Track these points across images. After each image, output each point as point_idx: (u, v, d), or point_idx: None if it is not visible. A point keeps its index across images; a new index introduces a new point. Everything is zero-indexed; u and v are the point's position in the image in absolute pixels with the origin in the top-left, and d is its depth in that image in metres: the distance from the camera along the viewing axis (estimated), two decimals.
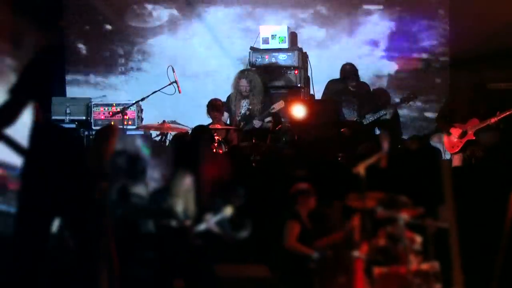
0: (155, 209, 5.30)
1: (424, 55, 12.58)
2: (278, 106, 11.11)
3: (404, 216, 5.29)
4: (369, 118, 11.10)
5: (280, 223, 6.57)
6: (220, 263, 5.48)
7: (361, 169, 5.24)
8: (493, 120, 9.95)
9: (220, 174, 6.18)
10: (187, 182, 5.40)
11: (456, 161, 10.21)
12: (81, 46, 13.51)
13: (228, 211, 5.20)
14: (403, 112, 11.97)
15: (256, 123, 11.25)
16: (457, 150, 10.25)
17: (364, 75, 12.20)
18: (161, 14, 13.38)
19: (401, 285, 5.30)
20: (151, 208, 5.30)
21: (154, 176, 5.54)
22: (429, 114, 12.53)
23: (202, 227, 5.21)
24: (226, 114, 11.69)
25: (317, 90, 11.95)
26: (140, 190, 5.40)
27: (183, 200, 5.30)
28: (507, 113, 9.85)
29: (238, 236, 5.30)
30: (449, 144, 10.34)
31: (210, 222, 5.20)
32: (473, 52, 11.44)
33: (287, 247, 6.50)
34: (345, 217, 5.67)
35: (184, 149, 7.70)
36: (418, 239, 5.37)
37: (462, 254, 5.13)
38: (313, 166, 7.66)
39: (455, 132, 10.26)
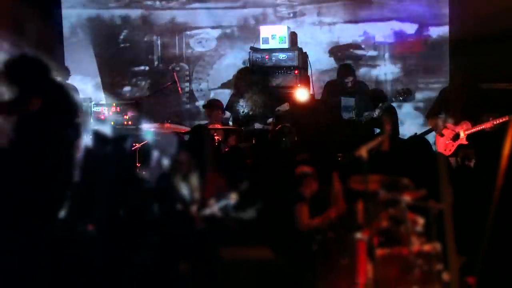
0: (161, 193, 5.36)
1: (425, 37, 12.66)
2: (283, 108, 11.14)
3: (406, 198, 5.34)
4: (366, 116, 11.16)
5: (283, 206, 6.63)
6: (223, 246, 5.53)
7: (363, 152, 5.30)
8: (486, 126, 9.92)
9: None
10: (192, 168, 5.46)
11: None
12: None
13: (233, 197, 5.26)
14: None
15: (257, 126, 11.28)
16: (449, 153, 10.24)
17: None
18: None
19: (403, 266, 5.35)
20: (157, 192, 5.36)
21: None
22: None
23: (207, 211, 5.27)
24: (228, 114, 11.72)
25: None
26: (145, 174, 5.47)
27: (188, 185, 5.36)
28: (500, 120, 9.81)
29: (241, 219, 5.36)
30: (442, 146, 10.31)
31: (215, 207, 5.26)
32: (473, 34, 11.55)
33: (304, 228, 6.55)
34: (347, 200, 5.72)
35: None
36: (421, 220, 5.42)
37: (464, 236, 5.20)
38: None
39: (448, 133, 10.25)
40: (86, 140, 5.32)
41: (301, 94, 10.64)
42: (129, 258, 5.13)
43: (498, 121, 9.79)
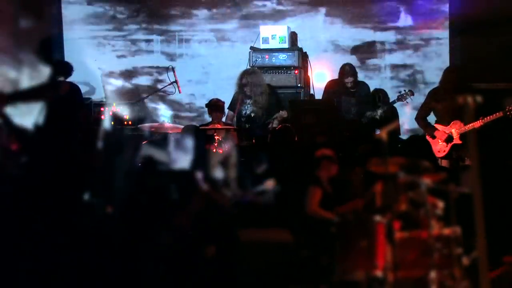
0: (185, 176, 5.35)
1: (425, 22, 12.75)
2: (280, 116, 11.12)
3: (426, 181, 5.31)
4: (367, 117, 11.15)
5: (303, 188, 6.60)
6: (243, 227, 5.50)
7: (383, 134, 5.28)
8: (477, 124, 9.87)
9: None
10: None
11: (444, 165, 10.13)
12: None
13: (270, 184, 5.26)
14: None
15: (258, 132, 11.27)
16: (444, 155, 10.18)
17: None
18: None
19: (422, 250, 5.32)
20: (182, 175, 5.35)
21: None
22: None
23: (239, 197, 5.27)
24: (231, 114, 11.67)
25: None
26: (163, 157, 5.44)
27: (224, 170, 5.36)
28: (491, 118, 9.75)
29: (263, 200, 5.34)
30: (435, 148, 10.26)
31: (249, 194, 5.26)
32: (473, 19, 11.60)
33: (309, 212, 6.51)
34: (366, 183, 5.69)
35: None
36: (440, 204, 5.39)
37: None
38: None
39: (440, 136, 10.20)
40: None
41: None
42: (151, 239, 5.10)
43: (489, 118, 9.74)
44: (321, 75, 12.33)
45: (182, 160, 5.82)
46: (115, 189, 5.17)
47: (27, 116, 5.69)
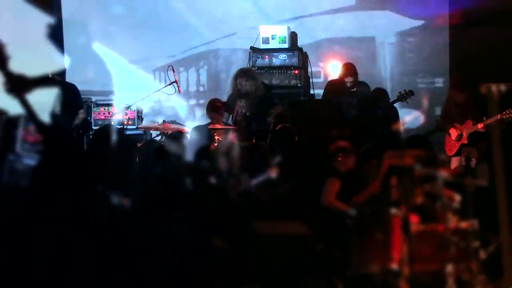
0: (197, 167, 5.31)
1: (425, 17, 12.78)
2: (276, 111, 11.09)
3: (443, 174, 5.27)
4: (368, 117, 11.13)
5: (318, 180, 6.56)
6: (258, 220, 5.46)
7: (399, 126, 5.25)
8: (480, 126, 9.87)
9: None
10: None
11: (454, 163, 10.13)
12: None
13: (272, 173, 5.21)
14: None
15: (256, 129, 11.23)
16: (453, 152, 10.19)
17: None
18: None
19: (439, 243, 5.28)
20: (192, 167, 5.31)
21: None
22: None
23: (244, 186, 5.22)
24: (226, 114, 11.64)
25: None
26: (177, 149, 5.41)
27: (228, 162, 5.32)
28: (493, 119, 9.71)
29: (275, 194, 5.30)
30: (448, 146, 10.28)
31: (252, 182, 5.21)
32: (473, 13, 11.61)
33: (325, 204, 6.47)
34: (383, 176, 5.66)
35: None
36: (457, 197, 5.34)
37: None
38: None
39: (453, 133, 10.22)
40: None
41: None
42: (164, 232, 5.06)
43: (489, 121, 9.69)
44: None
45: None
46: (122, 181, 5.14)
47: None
